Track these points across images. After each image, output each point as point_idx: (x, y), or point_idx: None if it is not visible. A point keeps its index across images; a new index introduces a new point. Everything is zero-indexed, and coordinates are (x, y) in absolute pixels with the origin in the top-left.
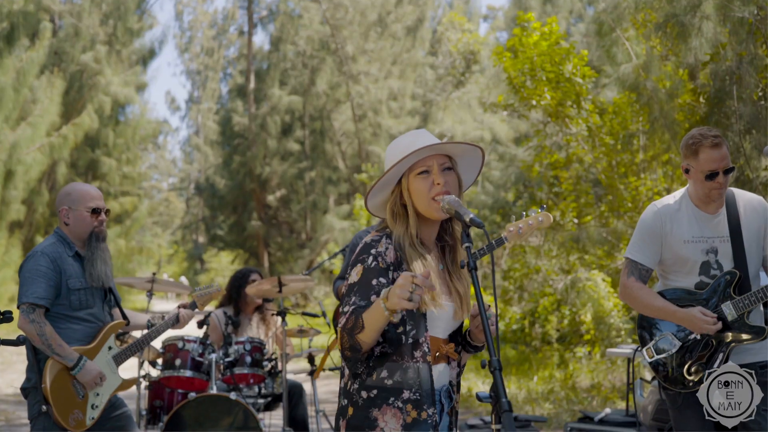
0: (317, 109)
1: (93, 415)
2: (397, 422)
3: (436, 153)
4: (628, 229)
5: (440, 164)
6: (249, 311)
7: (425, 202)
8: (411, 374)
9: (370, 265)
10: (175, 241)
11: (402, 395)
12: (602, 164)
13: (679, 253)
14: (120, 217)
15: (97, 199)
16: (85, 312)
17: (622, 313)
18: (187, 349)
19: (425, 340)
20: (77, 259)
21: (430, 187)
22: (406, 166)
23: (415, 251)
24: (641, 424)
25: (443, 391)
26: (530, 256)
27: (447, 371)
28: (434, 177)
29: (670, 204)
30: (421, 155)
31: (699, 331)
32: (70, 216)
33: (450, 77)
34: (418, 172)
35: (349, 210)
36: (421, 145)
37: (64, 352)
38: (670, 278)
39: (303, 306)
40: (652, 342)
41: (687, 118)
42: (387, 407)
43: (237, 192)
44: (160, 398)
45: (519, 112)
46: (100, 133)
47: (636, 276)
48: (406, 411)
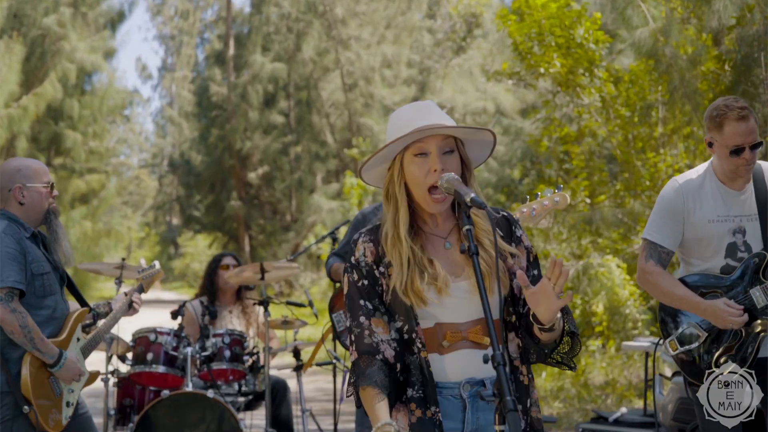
0: (303, 77)
1: (68, 413)
2: (405, 421)
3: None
4: (645, 209)
5: (440, 147)
6: (227, 300)
7: (420, 191)
8: (413, 371)
9: (355, 281)
10: (146, 223)
11: (407, 393)
12: (617, 138)
13: (702, 234)
14: (86, 196)
15: (48, 173)
16: (50, 299)
17: (638, 302)
18: (159, 342)
19: (417, 334)
20: (34, 240)
21: (426, 173)
22: (402, 144)
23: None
24: (660, 425)
25: (463, 384)
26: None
27: (473, 358)
28: (431, 162)
29: (692, 179)
30: (419, 135)
31: (724, 325)
32: (25, 194)
33: (450, 42)
34: (414, 154)
35: (338, 189)
36: (421, 124)
37: (45, 347)
38: (692, 262)
39: (287, 295)
40: (675, 333)
41: (710, 88)
42: (400, 404)
43: (215, 169)
44: (130, 396)
45: (525, 81)
46: (64, 104)
47: (655, 259)
48: (410, 410)
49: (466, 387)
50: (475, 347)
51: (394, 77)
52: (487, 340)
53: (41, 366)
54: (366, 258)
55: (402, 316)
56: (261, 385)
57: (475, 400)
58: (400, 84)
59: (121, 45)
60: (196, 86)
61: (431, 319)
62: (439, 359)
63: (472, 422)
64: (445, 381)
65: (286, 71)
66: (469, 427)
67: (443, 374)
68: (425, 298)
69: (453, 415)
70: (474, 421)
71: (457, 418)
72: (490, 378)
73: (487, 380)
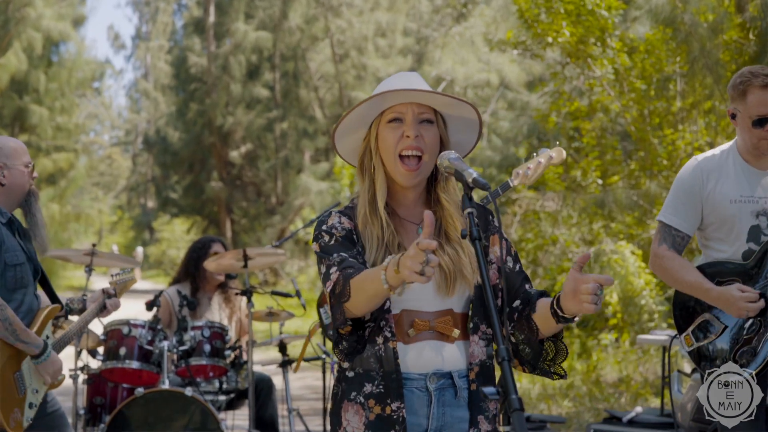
0: (290, 47)
1: (30, 415)
2: (360, 420)
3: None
4: (662, 191)
5: (416, 114)
6: (209, 289)
7: (391, 159)
8: (372, 363)
9: (327, 241)
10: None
11: (364, 389)
12: (632, 114)
13: (723, 216)
14: (53, 177)
15: (27, 153)
16: (19, 293)
17: (655, 292)
18: (133, 336)
19: (387, 321)
20: (9, 227)
21: (398, 139)
22: (376, 109)
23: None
24: (679, 426)
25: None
26: (546, 223)
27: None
28: (405, 128)
29: (713, 157)
30: (394, 99)
31: (738, 313)
32: (6, 174)
33: (449, 9)
34: (388, 120)
35: (328, 169)
36: (398, 87)
37: (29, 338)
38: (712, 246)
39: (273, 284)
40: (691, 326)
41: (733, 58)
42: (349, 403)
43: (193, 147)
44: (102, 395)
45: (532, 51)
46: (30, 76)
47: (668, 243)
48: (368, 407)
49: (432, 379)
50: (441, 338)
51: (388, 47)
52: (456, 331)
53: (6, 363)
54: (343, 224)
55: None
56: (244, 382)
57: (441, 393)
58: (396, 54)
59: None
60: (173, 57)
61: (398, 305)
62: (403, 348)
63: (438, 417)
64: (408, 372)
65: (271, 40)
66: (435, 423)
67: (405, 365)
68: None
69: (417, 410)
70: (439, 417)
71: (421, 413)
72: (457, 371)
73: (454, 373)
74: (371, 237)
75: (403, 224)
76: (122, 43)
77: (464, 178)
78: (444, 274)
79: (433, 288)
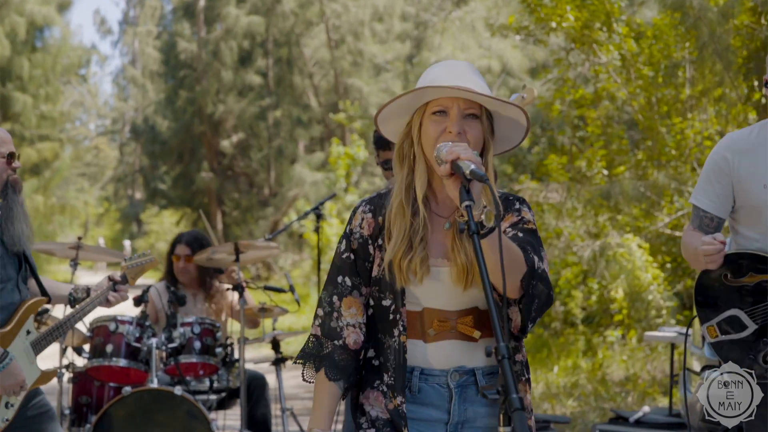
0: (283, 32)
1: (7, 415)
2: (381, 407)
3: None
4: (671, 182)
5: (462, 109)
6: (191, 285)
7: (431, 151)
8: (388, 355)
9: (341, 252)
10: (105, 198)
11: (384, 379)
12: (639, 101)
13: (755, 202)
14: (37, 167)
15: (9, 143)
16: None
17: (663, 287)
18: (120, 332)
19: (401, 315)
20: None
21: (440, 132)
22: (420, 98)
23: (404, 210)
24: (689, 427)
25: (452, 373)
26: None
27: (470, 352)
28: (449, 123)
29: (745, 135)
30: (441, 92)
31: (701, 265)
32: None
33: None
34: (433, 111)
35: (323, 159)
36: (445, 83)
37: None
38: (742, 233)
39: (266, 279)
40: (717, 318)
41: (744, 44)
42: (371, 390)
43: (183, 136)
44: (87, 394)
45: (535, 37)
46: (13, 63)
47: (695, 224)
48: (390, 397)
49: (454, 376)
50: (464, 339)
51: (386, 32)
52: (477, 333)
53: None
54: (362, 230)
55: (391, 294)
56: (235, 380)
57: (463, 390)
58: (393, 40)
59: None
60: (161, 42)
61: (417, 302)
62: (422, 346)
63: (459, 414)
64: (430, 368)
65: (263, 25)
66: (455, 418)
67: (426, 361)
68: (406, 277)
69: (438, 404)
70: (461, 413)
71: (442, 408)
72: (481, 369)
73: (477, 371)
74: (399, 227)
75: (432, 217)
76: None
77: (461, 169)
78: (458, 268)
79: (449, 282)
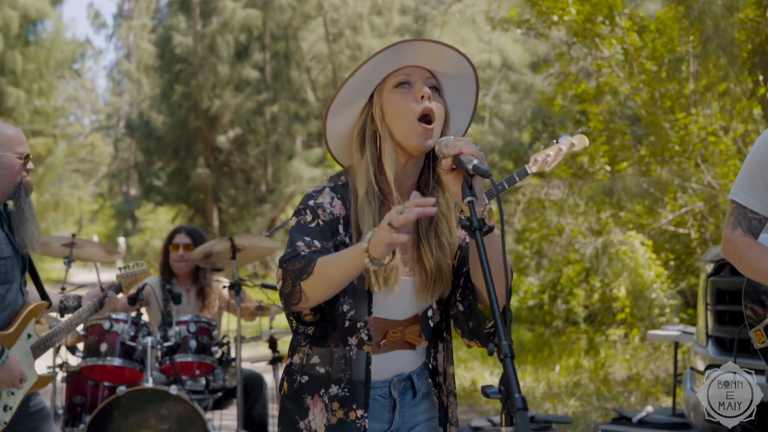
0: (281, 26)
1: (5, 418)
2: (323, 419)
3: (418, 65)
4: (674, 178)
5: (426, 79)
6: (186, 279)
7: (407, 123)
8: (342, 365)
9: (307, 222)
10: (100, 194)
11: (330, 390)
12: (642, 96)
13: None
14: None
15: (25, 143)
16: (3, 288)
17: (666, 285)
18: (115, 331)
19: (366, 324)
20: None
21: (413, 100)
22: (379, 74)
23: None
24: (693, 427)
25: (394, 382)
26: (551, 212)
27: (410, 358)
28: (416, 90)
29: None
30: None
31: None
32: None
33: None
34: (395, 84)
35: (320, 154)
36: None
37: None
38: None
39: (263, 276)
40: (764, 323)
41: (749, 38)
42: (318, 398)
43: (178, 131)
44: (82, 393)
45: (536, 30)
46: (6, 57)
47: (744, 227)
48: (331, 409)
49: (396, 384)
50: (408, 348)
51: (384, 26)
52: (425, 342)
53: None
54: (333, 208)
55: (351, 298)
56: (232, 380)
57: (402, 396)
58: (392, 33)
59: None
60: (156, 36)
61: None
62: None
63: (398, 421)
64: (373, 380)
65: (260, 19)
66: (395, 425)
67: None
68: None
69: (379, 416)
70: (400, 419)
71: (383, 419)
72: (416, 372)
73: (413, 375)
74: (369, 225)
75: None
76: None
77: (463, 164)
78: (425, 276)
79: (411, 293)
